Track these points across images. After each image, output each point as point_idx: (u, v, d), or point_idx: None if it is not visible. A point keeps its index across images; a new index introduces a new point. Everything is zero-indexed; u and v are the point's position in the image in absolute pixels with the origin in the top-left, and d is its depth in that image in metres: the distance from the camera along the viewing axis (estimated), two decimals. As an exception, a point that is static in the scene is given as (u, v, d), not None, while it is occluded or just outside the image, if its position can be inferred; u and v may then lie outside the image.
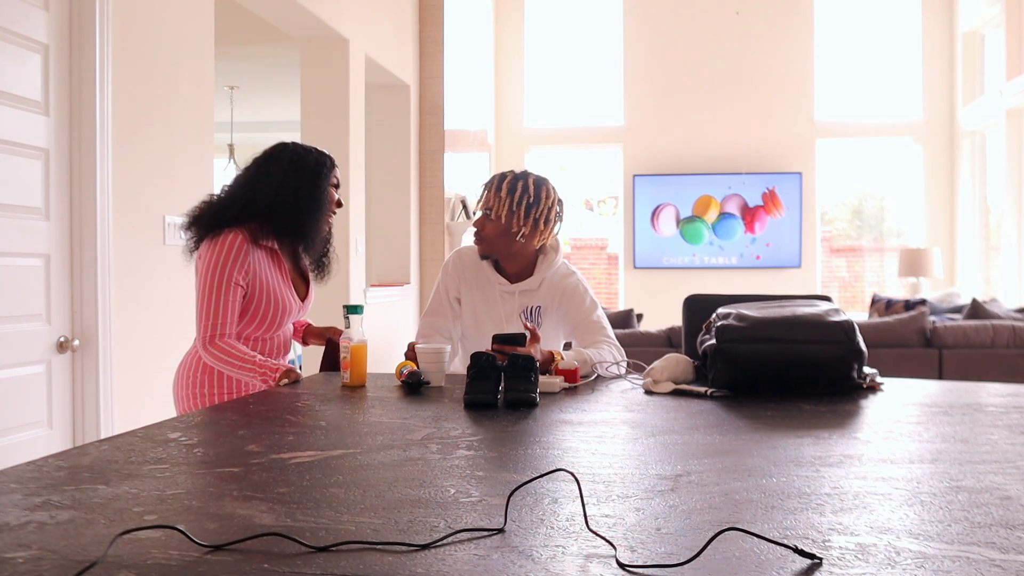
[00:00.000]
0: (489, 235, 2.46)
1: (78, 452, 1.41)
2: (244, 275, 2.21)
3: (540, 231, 2.46)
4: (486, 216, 2.46)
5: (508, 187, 2.43)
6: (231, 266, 2.18)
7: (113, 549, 0.92)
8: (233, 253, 2.19)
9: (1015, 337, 5.16)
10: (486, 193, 2.47)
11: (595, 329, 2.48)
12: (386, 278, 6.25)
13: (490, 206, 2.44)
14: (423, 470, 1.29)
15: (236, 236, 2.20)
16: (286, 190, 2.25)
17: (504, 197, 2.42)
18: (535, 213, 2.43)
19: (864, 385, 2.04)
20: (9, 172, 2.50)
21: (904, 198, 8.84)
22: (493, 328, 2.44)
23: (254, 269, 2.23)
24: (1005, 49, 7.03)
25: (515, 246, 2.46)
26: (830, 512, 1.07)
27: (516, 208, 2.41)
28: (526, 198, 2.41)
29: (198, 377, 2.26)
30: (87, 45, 2.75)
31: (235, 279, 2.19)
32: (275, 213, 2.24)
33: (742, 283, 8.29)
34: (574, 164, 9.56)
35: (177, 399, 2.31)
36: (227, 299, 2.19)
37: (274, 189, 2.25)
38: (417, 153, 6.44)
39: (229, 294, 2.19)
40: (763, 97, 8.42)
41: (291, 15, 4.61)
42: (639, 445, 1.49)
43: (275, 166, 2.28)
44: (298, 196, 2.25)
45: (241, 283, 2.21)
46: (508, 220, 2.42)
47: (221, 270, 2.18)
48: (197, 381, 2.26)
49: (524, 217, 2.42)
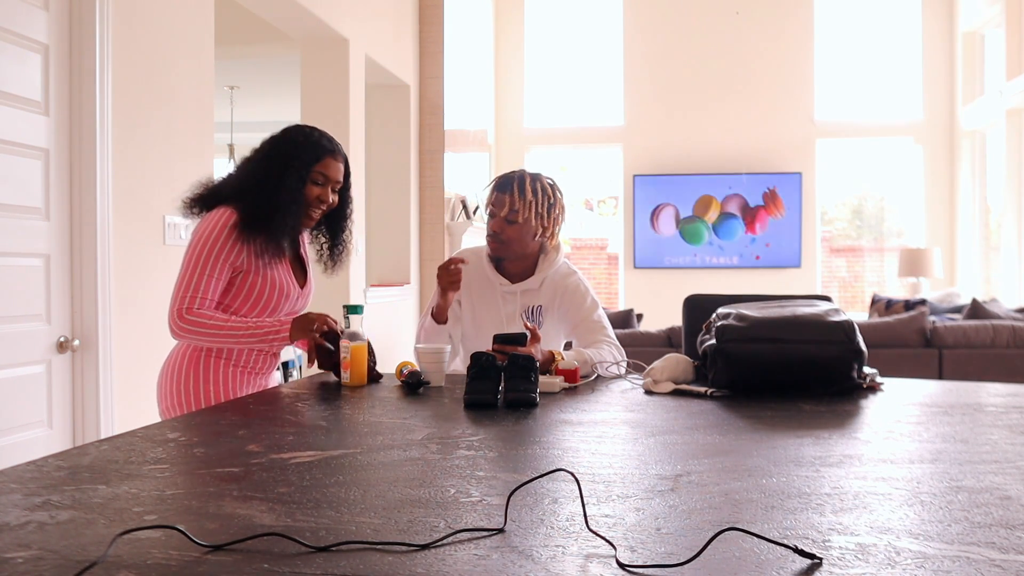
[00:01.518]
0: (511, 237, 2.46)
1: (78, 452, 1.41)
2: (235, 255, 2.09)
3: (555, 232, 2.51)
4: (505, 220, 2.44)
5: (531, 188, 2.44)
6: (220, 243, 2.07)
7: (113, 549, 0.92)
8: (220, 229, 2.07)
9: (1015, 337, 5.16)
10: (507, 197, 2.44)
11: (596, 329, 2.49)
12: (386, 278, 6.25)
13: (516, 209, 2.42)
14: (423, 470, 1.29)
15: (226, 212, 2.09)
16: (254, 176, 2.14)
17: (530, 199, 2.42)
18: (554, 213, 2.48)
19: (864, 385, 2.04)
20: (9, 172, 2.50)
21: (904, 198, 8.84)
22: (494, 328, 2.44)
23: (243, 246, 2.10)
24: (1005, 49, 7.03)
25: (526, 248, 2.49)
26: (830, 512, 1.07)
27: (541, 210, 2.44)
28: (547, 199, 2.45)
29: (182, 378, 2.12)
30: (87, 45, 2.75)
31: (221, 256, 2.07)
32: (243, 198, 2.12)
33: (742, 283, 8.29)
34: (574, 164, 9.56)
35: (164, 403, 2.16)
36: (210, 275, 2.06)
37: (246, 173, 2.16)
38: (417, 153, 6.44)
39: (213, 270, 2.06)
40: (763, 97, 8.42)
41: (291, 15, 4.61)
42: (639, 445, 1.49)
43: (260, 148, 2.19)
44: (264, 184, 2.12)
45: (229, 261, 2.08)
46: (536, 222, 2.44)
47: (209, 246, 2.06)
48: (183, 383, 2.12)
49: (547, 218, 2.46)
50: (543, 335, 2.38)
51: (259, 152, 2.20)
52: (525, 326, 2.26)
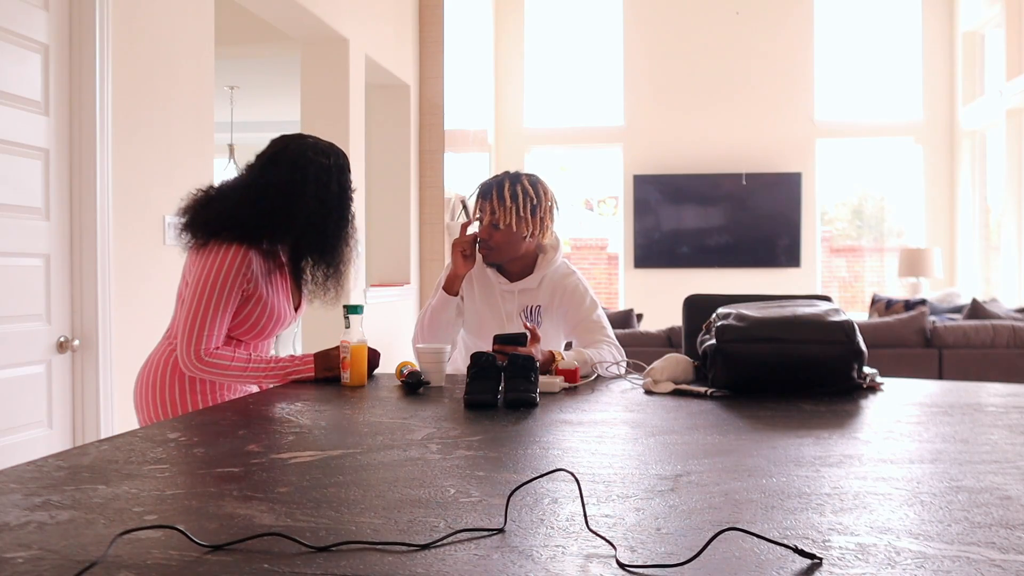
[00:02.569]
0: (499, 243, 2.46)
1: (78, 452, 1.41)
2: (243, 287, 2.06)
3: (545, 228, 2.50)
4: (492, 227, 2.45)
5: (510, 194, 2.43)
6: (232, 280, 2.03)
7: (113, 549, 0.92)
8: (236, 266, 2.03)
9: (1015, 337, 5.16)
10: (488, 204, 2.45)
11: (595, 329, 2.49)
12: (386, 278, 6.25)
13: (497, 217, 2.43)
14: (423, 470, 1.29)
15: (241, 250, 2.04)
16: (317, 212, 2.08)
17: (509, 205, 2.42)
18: (540, 212, 2.47)
19: (864, 385, 2.04)
20: (9, 172, 2.50)
21: (904, 198, 8.84)
22: (494, 327, 2.45)
23: (255, 278, 2.07)
24: (1005, 49, 7.03)
25: (518, 250, 2.49)
26: (830, 512, 1.07)
27: (523, 212, 2.43)
28: (529, 200, 2.44)
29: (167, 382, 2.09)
30: (87, 45, 2.75)
31: (233, 293, 2.04)
32: (305, 235, 2.09)
33: (742, 283, 8.29)
34: (574, 164, 9.56)
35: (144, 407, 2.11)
36: (223, 313, 2.04)
37: (307, 211, 2.08)
38: (417, 153, 6.44)
39: (224, 308, 2.04)
40: (763, 97, 8.42)
41: (291, 15, 4.61)
42: (639, 445, 1.49)
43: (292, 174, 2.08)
44: (327, 220, 2.10)
45: (240, 293, 2.06)
46: (518, 226, 2.44)
47: (222, 282, 2.02)
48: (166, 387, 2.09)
49: (531, 219, 2.45)
50: (542, 335, 2.39)
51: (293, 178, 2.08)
52: (525, 326, 2.26)
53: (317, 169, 2.10)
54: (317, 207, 2.09)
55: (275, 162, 2.12)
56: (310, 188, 2.09)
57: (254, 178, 2.13)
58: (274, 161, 2.12)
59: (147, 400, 2.11)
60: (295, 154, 2.11)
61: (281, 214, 2.07)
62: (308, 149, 2.13)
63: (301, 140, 2.16)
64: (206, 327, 2.02)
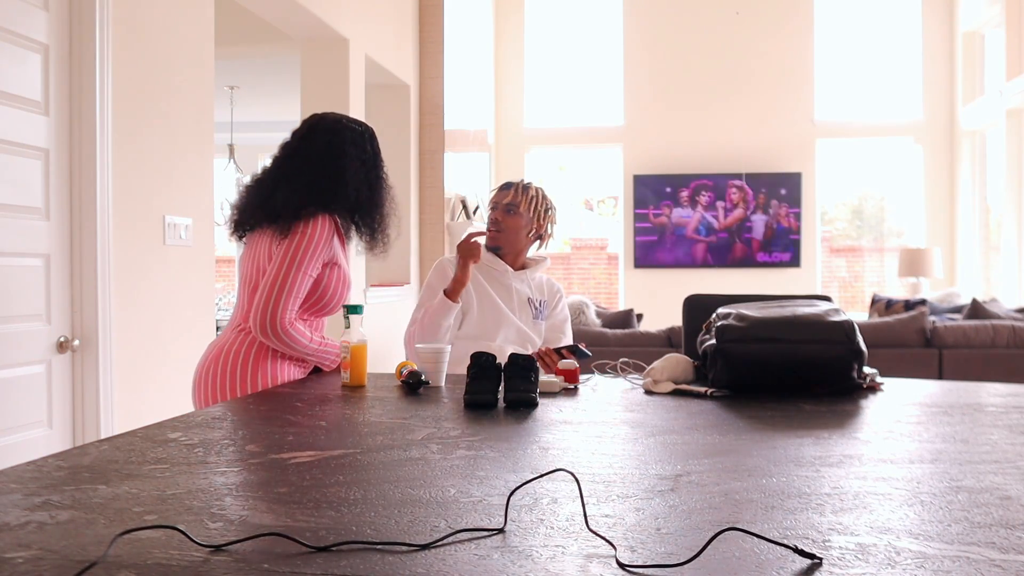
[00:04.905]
0: (510, 227, 2.74)
1: (78, 452, 1.41)
2: (326, 256, 2.21)
3: (545, 236, 2.82)
4: (506, 209, 2.74)
5: (533, 189, 2.79)
6: (320, 249, 2.18)
7: (113, 549, 0.92)
8: (325, 236, 2.19)
9: (1015, 337, 5.16)
10: (512, 192, 2.75)
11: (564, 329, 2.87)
12: (386, 278, 6.25)
13: (517, 201, 2.74)
14: (423, 470, 1.29)
15: (327, 219, 2.20)
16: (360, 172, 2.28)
17: (531, 195, 2.76)
18: (546, 219, 2.80)
19: (864, 385, 2.04)
20: (9, 172, 2.50)
21: (904, 198, 8.84)
22: (507, 308, 2.70)
23: (335, 252, 2.24)
24: (1005, 49, 7.03)
25: (520, 243, 2.77)
26: (830, 512, 1.07)
27: (539, 207, 2.77)
28: (544, 202, 2.79)
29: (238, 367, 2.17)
30: (87, 45, 2.75)
31: (316, 262, 2.18)
32: (358, 192, 2.27)
33: (742, 283, 8.29)
34: (574, 164, 9.56)
35: (206, 389, 2.19)
36: (302, 285, 2.16)
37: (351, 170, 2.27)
38: (417, 153, 6.44)
39: (305, 277, 2.16)
40: (763, 97, 8.42)
41: (291, 15, 4.61)
42: (639, 445, 1.49)
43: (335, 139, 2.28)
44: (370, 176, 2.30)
45: (318, 266, 2.19)
46: (532, 217, 2.75)
47: (312, 252, 2.16)
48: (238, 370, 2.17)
49: (542, 217, 2.77)
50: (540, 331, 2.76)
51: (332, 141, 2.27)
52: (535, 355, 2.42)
53: (352, 134, 2.31)
54: (359, 167, 2.29)
55: (312, 133, 2.31)
56: (350, 149, 2.28)
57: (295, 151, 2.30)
58: (312, 132, 2.31)
59: (214, 386, 2.19)
60: (330, 122, 2.32)
61: (332, 179, 2.25)
62: (340, 119, 2.34)
63: (331, 114, 2.37)
64: (292, 292, 2.15)
